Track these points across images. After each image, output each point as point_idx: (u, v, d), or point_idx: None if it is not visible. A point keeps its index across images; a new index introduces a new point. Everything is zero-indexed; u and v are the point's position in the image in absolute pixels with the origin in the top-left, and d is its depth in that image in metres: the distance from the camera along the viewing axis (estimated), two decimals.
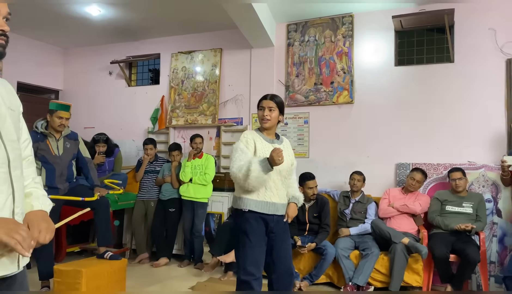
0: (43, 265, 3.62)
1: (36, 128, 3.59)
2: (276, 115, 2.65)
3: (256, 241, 2.53)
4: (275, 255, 2.61)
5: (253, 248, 2.52)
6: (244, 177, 2.42)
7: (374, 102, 4.76)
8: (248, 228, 2.52)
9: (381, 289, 3.79)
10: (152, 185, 5.05)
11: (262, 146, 2.59)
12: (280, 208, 2.62)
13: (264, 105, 2.64)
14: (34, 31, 5.79)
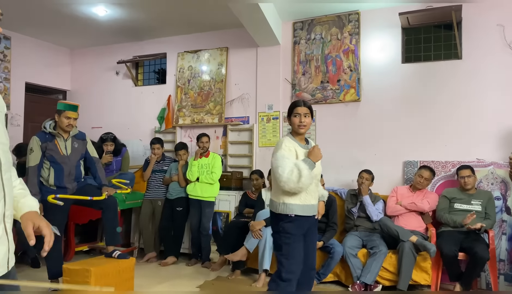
0: (52, 264, 3.65)
1: (44, 128, 3.62)
2: (310, 121, 2.75)
3: (299, 242, 2.67)
4: (306, 253, 2.73)
5: (296, 249, 2.65)
6: (297, 178, 2.52)
7: (381, 99, 4.73)
8: (293, 231, 2.64)
9: (389, 287, 3.78)
10: (159, 184, 5.07)
11: (300, 153, 2.69)
12: (315, 209, 2.79)
13: (300, 112, 2.71)
14: (41, 32, 5.83)
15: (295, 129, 2.74)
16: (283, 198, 2.66)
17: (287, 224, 2.64)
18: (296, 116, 2.71)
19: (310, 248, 2.78)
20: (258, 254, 4.07)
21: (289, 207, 2.64)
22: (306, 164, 2.56)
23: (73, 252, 4.91)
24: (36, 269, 4.50)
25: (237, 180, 5.14)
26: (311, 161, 2.58)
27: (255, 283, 3.95)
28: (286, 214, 2.64)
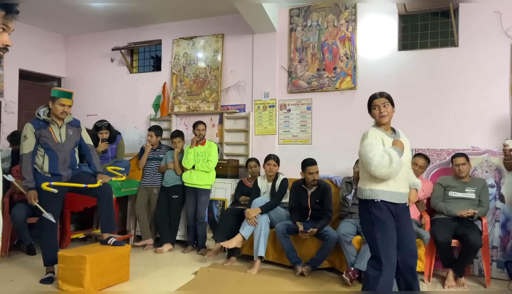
0: (47, 251, 3.66)
1: (38, 115, 3.59)
2: (391, 109, 2.84)
3: (391, 226, 2.71)
4: (400, 239, 2.76)
5: (389, 232, 2.70)
6: (388, 163, 2.58)
7: (378, 87, 4.63)
8: (383, 216, 2.69)
9: None
10: (155, 172, 5.06)
11: (387, 141, 2.75)
12: (405, 197, 2.80)
13: (378, 103, 2.81)
14: (35, 18, 5.75)
15: (377, 121, 2.85)
16: (369, 184, 2.73)
17: (378, 211, 2.70)
18: (375, 108, 2.82)
19: (406, 236, 2.79)
20: (254, 241, 4.09)
21: (374, 192, 2.70)
22: (395, 150, 2.63)
23: (69, 239, 4.92)
24: (31, 256, 4.51)
25: (233, 168, 5.14)
26: (399, 149, 2.66)
27: (250, 270, 3.97)
28: (372, 200, 2.71)
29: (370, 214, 2.73)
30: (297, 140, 5.08)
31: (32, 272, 3.90)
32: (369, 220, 2.74)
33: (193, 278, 3.81)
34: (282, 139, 5.16)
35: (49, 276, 3.66)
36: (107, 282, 3.52)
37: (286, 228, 3.99)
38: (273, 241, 4.16)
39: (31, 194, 3.46)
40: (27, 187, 3.50)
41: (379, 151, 2.64)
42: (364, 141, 2.75)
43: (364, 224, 2.85)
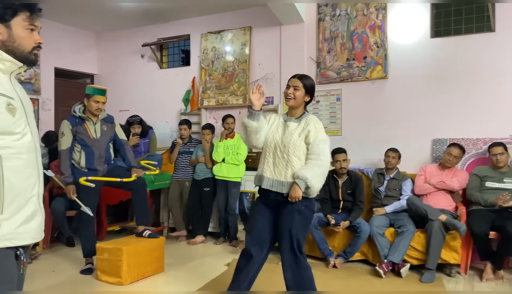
0: (86, 243, 3.80)
1: (74, 112, 3.71)
2: (301, 95, 2.59)
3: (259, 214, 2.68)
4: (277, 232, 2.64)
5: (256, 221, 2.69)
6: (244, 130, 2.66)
7: (410, 76, 4.61)
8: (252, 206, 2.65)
9: (417, 266, 3.76)
10: (186, 165, 5.15)
11: (275, 122, 2.69)
12: (276, 185, 2.58)
13: (290, 84, 2.62)
14: (68, 17, 5.90)
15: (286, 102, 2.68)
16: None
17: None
18: (287, 87, 2.63)
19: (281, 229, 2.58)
20: None
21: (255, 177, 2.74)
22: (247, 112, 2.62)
23: (105, 231, 5.09)
24: (71, 247, 4.70)
25: None
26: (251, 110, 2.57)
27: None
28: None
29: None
30: (326, 132, 4.91)
31: (72, 263, 4.06)
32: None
33: (226, 270, 3.86)
34: None
35: (89, 267, 3.80)
36: (143, 273, 3.63)
37: (317, 220, 3.98)
38: None
39: (69, 188, 3.60)
40: (66, 182, 3.63)
41: None
42: None
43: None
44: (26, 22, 1.46)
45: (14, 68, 1.48)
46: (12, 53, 1.45)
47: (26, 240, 1.45)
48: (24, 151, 1.45)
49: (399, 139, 4.57)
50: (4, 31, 1.43)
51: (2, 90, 1.40)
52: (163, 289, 3.45)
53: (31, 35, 1.48)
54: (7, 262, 1.40)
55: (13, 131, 1.41)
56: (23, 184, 1.45)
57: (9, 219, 1.39)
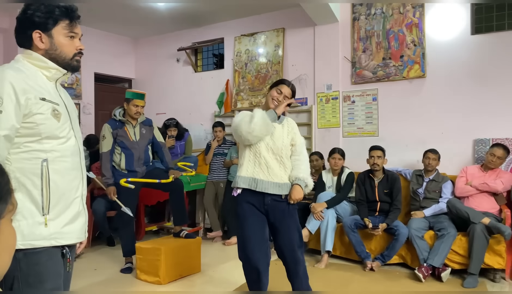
0: (126, 243, 3.92)
1: (114, 116, 3.84)
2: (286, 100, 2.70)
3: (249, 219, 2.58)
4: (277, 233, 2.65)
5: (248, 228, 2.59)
6: (249, 119, 2.51)
7: (449, 75, 4.48)
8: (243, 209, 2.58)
9: (459, 271, 3.64)
10: (220, 167, 5.21)
11: None
12: (273, 187, 2.57)
13: (282, 91, 2.66)
14: (107, 24, 6.11)
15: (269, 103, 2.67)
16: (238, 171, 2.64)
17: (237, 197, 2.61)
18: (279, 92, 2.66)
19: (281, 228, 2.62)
20: (320, 236, 4.08)
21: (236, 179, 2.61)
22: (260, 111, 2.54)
23: (143, 231, 5.22)
24: (111, 247, 4.85)
25: None
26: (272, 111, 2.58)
27: (318, 264, 3.97)
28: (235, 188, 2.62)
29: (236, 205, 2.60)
30: (362, 133, 4.96)
31: (113, 262, 4.19)
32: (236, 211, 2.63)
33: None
34: (346, 131, 5.06)
35: (128, 266, 3.92)
36: (180, 273, 3.70)
37: (354, 222, 3.93)
38: (340, 236, 4.12)
39: (110, 189, 3.72)
40: (107, 183, 3.76)
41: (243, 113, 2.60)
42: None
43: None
44: (66, 30, 1.51)
45: (59, 75, 1.55)
46: (55, 60, 1.51)
47: (71, 239, 1.52)
48: (68, 154, 1.52)
49: (438, 140, 4.44)
50: (46, 40, 1.49)
51: (48, 97, 1.47)
52: (200, 289, 3.50)
53: (72, 42, 1.54)
54: (54, 260, 1.47)
55: (58, 135, 1.48)
56: (68, 186, 1.51)
57: (55, 220, 1.46)
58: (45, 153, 1.44)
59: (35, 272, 1.40)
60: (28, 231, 1.39)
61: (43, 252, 1.42)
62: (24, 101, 1.39)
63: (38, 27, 1.47)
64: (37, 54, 1.49)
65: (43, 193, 1.43)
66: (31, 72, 1.47)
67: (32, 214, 1.41)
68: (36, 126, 1.42)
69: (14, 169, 1.40)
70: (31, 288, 1.39)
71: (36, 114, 1.42)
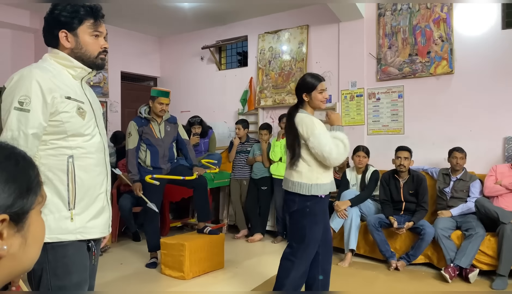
0: (151, 238, 3.99)
1: (140, 114, 3.91)
2: None
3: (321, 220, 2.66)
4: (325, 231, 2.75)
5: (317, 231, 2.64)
6: (343, 148, 2.55)
7: (478, 71, 4.35)
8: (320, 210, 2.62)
9: (488, 272, 3.54)
10: (243, 164, 5.24)
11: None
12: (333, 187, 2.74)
13: (324, 87, 2.69)
14: (133, 23, 6.22)
15: (317, 105, 2.67)
16: (316, 178, 2.54)
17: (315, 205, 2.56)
18: (321, 92, 2.66)
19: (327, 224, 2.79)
20: (344, 234, 4.05)
21: (322, 187, 2.55)
22: (340, 131, 2.62)
23: (168, 227, 5.30)
24: (137, 242, 4.95)
25: None
26: (341, 126, 2.67)
27: (341, 263, 3.94)
28: (316, 195, 2.54)
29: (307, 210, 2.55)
30: (387, 130, 4.88)
31: (138, 257, 4.28)
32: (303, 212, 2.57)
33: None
34: (371, 129, 5.00)
35: (153, 261, 3.99)
36: (204, 269, 3.74)
37: (378, 221, 3.89)
38: (364, 234, 4.08)
39: (136, 186, 3.79)
40: (133, 180, 3.83)
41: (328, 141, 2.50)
42: (315, 130, 2.51)
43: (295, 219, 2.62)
44: (91, 29, 1.54)
45: (84, 74, 1.58)
46: (80, 59, 1.55)
47: (96, 234, 1.56)
48: (93, 151, 1.56)
49: (466, 138, 4.33)
50: (72, 39, 1.53)
51: (73, 95, 1.51)
52: (223, 285, 3.53)
53: (96, 41, 1.57)
54: (80, 253, 1.51)
55: (83, 133, 1.52)
56: (93, 182, 1.56)
57: (80, 214, 1.51)
58: (70, 150, 1.49)
59: (63, 265, 1.45)
60: (55, 225, 1.44)
61: (69, 245, 1.47)
62: (51, 100, 1.43)
63: (64, 26, 1.51)
64: (64, 54, 1.53)
65: (69, 189, 1.48)
66: (58, 71, 1.51)
67: (59, 209, 1.46)
68: (62, 124, 1.46)
69: (41, 165, 1.44)
70: (59, 280, 1.44)
71: (62, 113, 1.46)
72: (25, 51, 5.48)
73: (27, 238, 0.63)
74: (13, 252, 0.61)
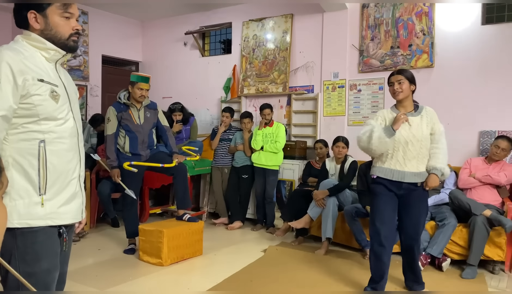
0: (129, 225, 3.98)
1: (119, 99, 3.85)
2: (407, 86, 2.81)
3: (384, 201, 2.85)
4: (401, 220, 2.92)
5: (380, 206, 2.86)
6: (368, 138, 2.75)
7: (457, 65, 4.42)
8: (377, 191, 2.87)
9: (458, 261, 3.65)
10: (225, 152, 5.23)
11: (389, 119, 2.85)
12: (410, 176, 2.80)
13: (393, 80, 2.82)
14: (116, 6, 6.10)
15: (393, 98, 2.87)
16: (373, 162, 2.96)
17: (372, 185, 2.92)
18: (391, 85, 2.84)
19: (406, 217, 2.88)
20: (322, 223, 4.11)
21: (373, 169, 2.91)
22: (382, 129, 2.74)
23: (147, 214, 5.29)
24: (115, 228, 4.93)
25: (301, 150, 5.15)
26: (389, 128, 2.74)
27: (318, 251, 4.01)
28: (371, 175, 2.92)
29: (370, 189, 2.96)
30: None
31: (117, 243, 4.27)
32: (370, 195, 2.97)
33: (262, 256, 3.93)
34: (352, 120, 5.05)
35: (131, 247, 3.98)
36: (182, 256, 3.75)
37: (355, 211, 3.95)
38: (341, 223, 4.14)
39: (114, 172, 3.76)
40: (111, 166, 3.80)
41: (367, 127, 2.81)
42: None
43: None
44: (61, 9, 1.50)
45: (58, 56, 1.55)
46: (51, 41, 1.50)
47: (67, 220, 1.55)
48: (66, 136, 1.53)
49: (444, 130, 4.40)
50: (41, 20, 1.49)
51: (47, 78, 1.48)
52: (201, 272, 3.56)
53: (68, 22, 1.52)
54: (51, 239, 1.50)
55: (56, 116, 1.49)
56: (65, 167, 1.53)
57: (51, 200, 1.49)
58: (42, 134, 1.46)
59: (32, 251, 1.44)
60: (25, 210, 1.42)
61: (39, 231, 1.45)
62: (22, 82, 1.40)
63: (32, 7, 1.48)
64: (36, 35, 1.50)
65: (40, 174, 1.45)
66: (30, 53, 1.48)
67: (29, 194, 1.44)
68: (33, 107, 1.43)
69: (12, 149, 1.42)
70: (28, 266, 1.43)
71: (34, 95, 1.43)
72: (2, 31, 5.34)
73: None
74: None
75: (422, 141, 2.78)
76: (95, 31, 6.14)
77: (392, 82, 2.82)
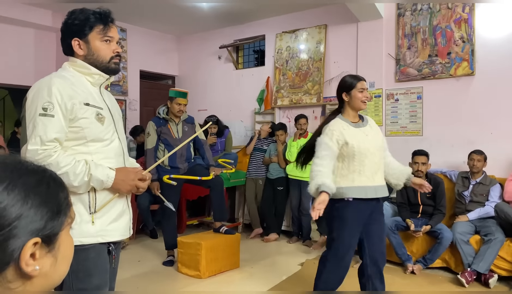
0: (168, 237, 4.05)
1: (158, 114, 3.97)
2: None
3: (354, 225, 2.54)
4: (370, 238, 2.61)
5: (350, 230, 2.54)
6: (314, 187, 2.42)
7: (500, 72, 4.27)
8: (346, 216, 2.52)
9: (507, 278, 3.49)
10: (259, 163, 5.25)
11: (351, 134, 2.51)
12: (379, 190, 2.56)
13: (364, 87, 2.58)
14: (152, 22, 6.28)
15: (357, 105, 2.56)
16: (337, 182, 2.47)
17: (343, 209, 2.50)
18: (361, 91, 2.55)
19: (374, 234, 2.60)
20: None
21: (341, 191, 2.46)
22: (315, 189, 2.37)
23: (185, 225, 5.37)
24: (154, 239, 5.02)
25: None
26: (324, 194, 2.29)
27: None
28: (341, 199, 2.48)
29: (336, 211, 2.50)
30: (406, 132, 4.83)
31: (156, 254, 4.35)
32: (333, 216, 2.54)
33: (299, 269, 3.89)
34: (389, 130, 4.95)
35: (170, 259, 4.05)
36: (220, 268, 3.78)
37: (395, 224, 3.86)
38: None
39: (154, 185, 3.85)
40: (151, 179, 3.88)
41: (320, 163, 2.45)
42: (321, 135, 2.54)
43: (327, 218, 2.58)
44: (101, 34, 1.57)
45: (102, 80, 1.63)
46: (93, 65, 1.58)
47: (116, 236, 1.60)
48: (112, 155, 1.60)
49: (487, 140, 4.26)
50: (84, 46, 1.57)
51: (92, 102, 1.56)
52: (238, 284, 3.57)
53: (108, 45, 1.60)
54: (101, 256, 1.56)
55: (102, 138, 1.56)
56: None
57: (101, 218, 1.55)
58: (90, 155, 1.53)
59: (84, 267, 1.49)
60: (77, 229, 1.48)
61: (91, 248, 1.51)
62: (70, 106, 1.48)
63: (76, 35, 1.56)
64: (81, 61, 1.58)
65: (89, 193, 1.52)
66: (76, 79, 1.56)
67: (80, 213, 1.51)
68: (81, 130, 1.51)
69: None
70: (80, 282, 1.48)
71: (81, 119, 1.51)
72: (47, 50, 5.60)
73: (57, 257, 0.66)
74: (45, 271, 0.64)
75: (381, 151, 2.57)
76: (133, 47, 6.33)
77: (363, 89, 2.56)
